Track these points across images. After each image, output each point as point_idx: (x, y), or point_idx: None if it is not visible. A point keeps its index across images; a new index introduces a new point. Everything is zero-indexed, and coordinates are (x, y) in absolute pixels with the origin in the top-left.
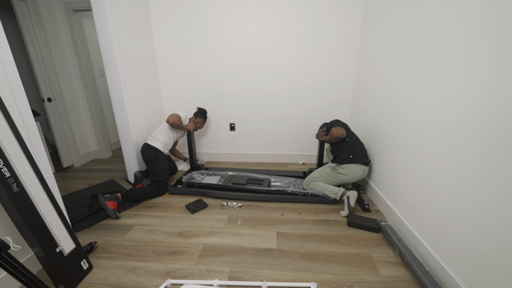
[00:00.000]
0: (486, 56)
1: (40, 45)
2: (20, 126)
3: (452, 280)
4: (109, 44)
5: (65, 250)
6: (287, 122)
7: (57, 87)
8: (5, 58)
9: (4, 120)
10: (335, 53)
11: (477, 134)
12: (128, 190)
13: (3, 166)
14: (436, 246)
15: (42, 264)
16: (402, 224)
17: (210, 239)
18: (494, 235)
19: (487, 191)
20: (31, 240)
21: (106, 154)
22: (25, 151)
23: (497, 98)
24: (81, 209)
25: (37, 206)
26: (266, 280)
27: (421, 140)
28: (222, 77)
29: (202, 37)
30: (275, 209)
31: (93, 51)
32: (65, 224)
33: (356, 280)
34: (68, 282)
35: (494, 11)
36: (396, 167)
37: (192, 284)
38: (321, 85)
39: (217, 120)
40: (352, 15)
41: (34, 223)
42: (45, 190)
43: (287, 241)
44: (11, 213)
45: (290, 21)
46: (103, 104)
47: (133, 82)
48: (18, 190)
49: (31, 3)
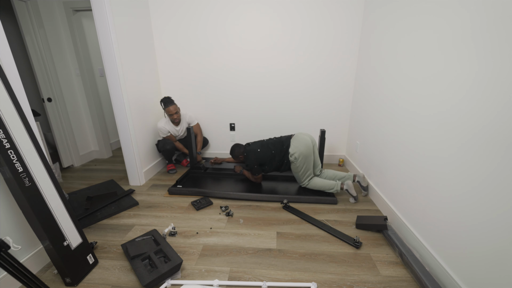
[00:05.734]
0: (485, 56)
1: (40, 45)
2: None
3: (452, 280)
4: (109, 44)
5: (72, 244)
6: (287, 122)
7: (57, 87)
8: (5, 58)
9: (18, 117)
10: (335, 53)
11: (476, 134)
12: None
13: (17, 162)
14: (436, 246)
15: (50, 257)
16: (402, 224)
17: (210, 239)
18: (494, 234)
19: (487, 190)
20: (41, 233)
21: (106, 154)
22: (36, 147)
23: (496, 98)
24: (78, 210)
25: (47, 200)
26: (266, 280)
27: (421, 139)
28: (222, 77)
29: (202, 38)
30: (275, 209)
31: (93, 51)
32: (73, 219)
33: (356, 280)
34: (74, 275)
35: (492, 12)
36: (396, 167)
37: (192, 284)
38: (321, 85)
39: (217, 120)
40: (352, 16)
41: (44, 216)
42: (54, 185)
43: (287, 241)
44: (23, 207)
45: (290, 22)
46: (103, 104)
47: (133, 82)
48: (30, 184)
49: (31, 3)
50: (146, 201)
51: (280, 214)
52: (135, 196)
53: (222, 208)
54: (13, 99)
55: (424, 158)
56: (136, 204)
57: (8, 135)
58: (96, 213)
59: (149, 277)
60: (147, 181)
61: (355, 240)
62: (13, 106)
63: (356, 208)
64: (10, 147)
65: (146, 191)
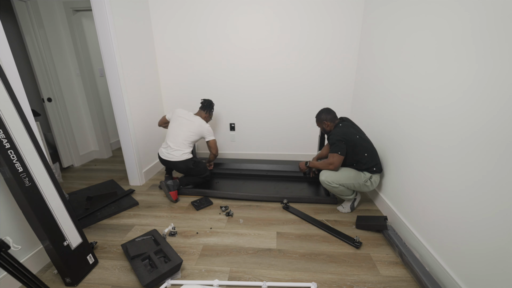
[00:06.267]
0: (485, 54)
1: (40, 45)
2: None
3: (452, 280)
4: (109, 44)
5: (72, 244)
6: (288, 122)
7: (57, 87)
8: (5, 58)
9: (18, 117)
10: (335, 53)
11: (478, 131)
12: (182, 178)
13: (17, 162)
14: (436, 246)
15: (50, 257)
16: (402, 224)
17: (210, 239)
18: (494, 233)
19: (487, 189)
20: (41, 233)
21: (106, 154)
22: (36, 147)
23: (497, 95)
24: (78, 210)
25: (47, 201)
26: (266, 280)
27: (421, 139)
28: (222, 77)
29: (202, 37)
30: (275, 209)
31: (93, 51)
32: (73, 219)
33: (356, 280)
34: (74, 275)
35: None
36: (396, 167)
37: (192, 284)
38: (321, 83)
39: (217, 120)
40: (352, 12)
41: (44, 216)
42: (54, 185)
43: (287, 241)
44: (23, 207)
45: (288, 19)
46: (103, 104)
47: (133, 82)
48: (30, 184)
49: (31, 3)
50: (146, 201)
51: (280, 214)
52: (135, 196)
53: (222, 208)
54: (13, 99)
55: (424, 157)
56: (136, 204)
57: (8, 135)
58: (96, 213)
59: (149, 277)
60: (147, 181)
61: (355, 240)
62: (13, 106)
63: (356, 208)
64: (10, 147)
65: (146, 191)
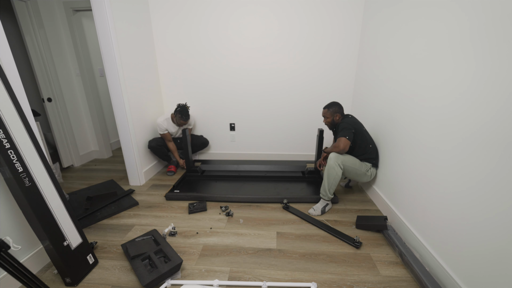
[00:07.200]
0: (483, 54)
1: (40, 45)
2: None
3: (452, 280)
4: (109, 44)
5: (72, 244)
6: (288, 122)
7: (57, 87)
8: (5, 58)
9: (18, 117)
10: (335, 53)
11: (477, 131)
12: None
13: (17, 162)
14: (436, 246)
15: (50, 257)
16: (402, 224)
17: (210, 239)
18: (494, 233)
19: (487, 190)
20: (41, 233)
21: (106, 154)
22: (36, 147)
23: (496, 95)
24: (78, 210)
25: (47, 201)
26: (266, 280)
27: (421, 139)
28: (222, 77)
29: (202, 38)
30: (275, 209)
31: (93, 51)
32: (73, 219)
33: (356, 280)
34: (74, 275)
35: (490, 11)
36: (396, 167)
37: (192, 284)
38: (321, 83)
39: (217, 120)
40: (350, 16)
41: (44, 216)
42: (54, 185)
43: (287, 241)
44: (23, 207)
45: (287, 18)
46: (103, 104)
47: (133, 82)
48: (30, 184)
49: (31, 3)
50: (146, 201)
51: (280, 214)
52: (135, 196)
53: (222, 208)
54: (13, 99)
55: (425, 157)
56: (136, 204)
57: (8, 135)
58: (96, 213)
59: (149, 277)
60: (147, 181)
61: (355, 240)
62: (13, 106)
63: (356, 208)
64: (10, 147)
65: (146, 191)
